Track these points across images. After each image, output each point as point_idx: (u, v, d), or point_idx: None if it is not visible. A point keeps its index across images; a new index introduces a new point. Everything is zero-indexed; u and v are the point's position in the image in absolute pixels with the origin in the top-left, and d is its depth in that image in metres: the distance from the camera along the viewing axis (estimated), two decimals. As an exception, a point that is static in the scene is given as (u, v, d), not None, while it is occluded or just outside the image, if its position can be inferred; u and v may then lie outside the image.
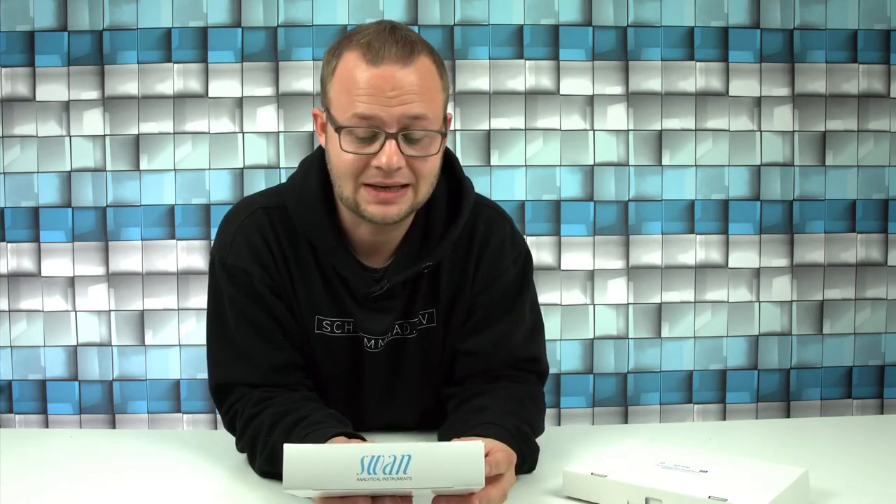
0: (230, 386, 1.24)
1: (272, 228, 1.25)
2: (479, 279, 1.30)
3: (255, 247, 1.24)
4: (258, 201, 1.30)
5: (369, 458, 0.91)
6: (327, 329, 1.27)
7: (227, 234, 1.27)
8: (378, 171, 1.14)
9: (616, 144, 2.41)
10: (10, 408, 2.38)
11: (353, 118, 1.14)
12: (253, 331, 1.24)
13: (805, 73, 2.43)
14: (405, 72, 1.13)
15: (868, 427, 1.55)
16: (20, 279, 2.37)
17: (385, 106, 1.12)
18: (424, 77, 1.15)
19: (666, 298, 2.45)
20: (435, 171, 1.20)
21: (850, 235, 2.47)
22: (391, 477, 0.90)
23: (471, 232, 1.30)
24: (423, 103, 1.14)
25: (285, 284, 1.26)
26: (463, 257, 1.29)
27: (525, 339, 1.32)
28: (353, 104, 1.14)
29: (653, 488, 1.02)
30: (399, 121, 1.13)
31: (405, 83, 1.13)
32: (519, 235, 1.36)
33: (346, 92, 1.15)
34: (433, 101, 1.16)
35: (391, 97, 1.12)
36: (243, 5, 2.34)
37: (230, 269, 1.25)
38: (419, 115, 1.14)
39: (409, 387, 1.32)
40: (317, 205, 1.24)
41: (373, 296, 1.25)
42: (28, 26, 2.32)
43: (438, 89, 1.18)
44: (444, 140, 1.21)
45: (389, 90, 1.12)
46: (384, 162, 1.13)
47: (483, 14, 2.37)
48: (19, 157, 2.35)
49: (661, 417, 2.46)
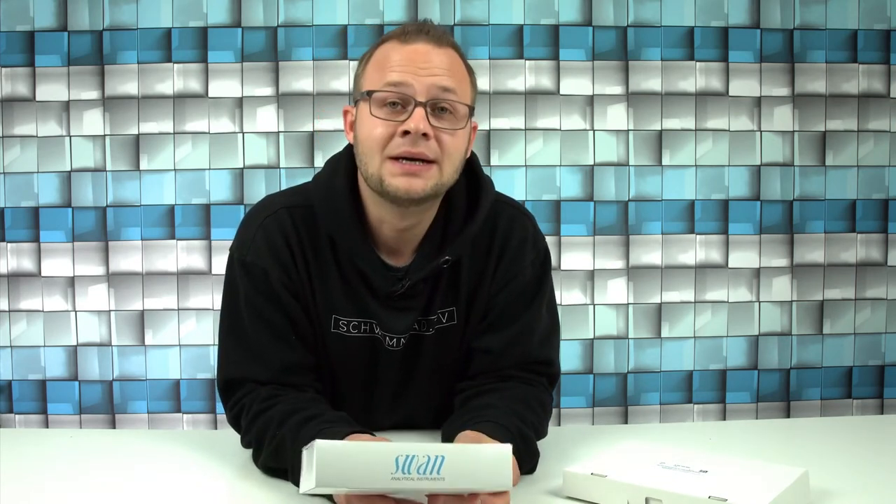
0: (239, 382, 1.24)
1: (294, 228, 1.26)
2: (499, 277, 1.30)
3: (275, 245, 1.25)
4: (280, 200, 1.30)
5: (404, 457, 0.90)
6: (344, 328, 1.28)
7: (248, 232, 1.27)
8: (405, 138, 1.16)
9: (616, 144, 2.41)
10: (10, 408, 2.38)
11: (386, 85, 1.18)
12: (267, 329, 1.24)
13: (805, 73, 2.43)
14: (437, 51, 1.19)
15: (868, 427, 1.55)
16: (20, 279, 2.37)
17: (416, 75, 1.17)
18: (454, 61, 1.21)
19: (666, 298, 2.45)
20: (460, 152, 1.22)
21: (850, 235, 2.47)
22: (425, 477, 0.90)
23: (492, 230, 1.30)
24: (453, 80, 1.19)
25: (303, 284, 1.26)
26: (483, 255, 1.30)
27: (540, 340, 1.32)
28: (386, 75, 1.18)
29: (653, 488, 1.02)
30: (429, 90, 1.17)
31: (436, 60, 1.18)
32: (540, 235, 1.36)
33: (380, 69, 1.19)
34: (461, 83, 1.21)
35: (422, 68, 1.17)
36: (243, 5, 2.34)
37: (248, 267, 1.25)
38: (448, 87, 1.18)
39: (422, 385, 1.33)
40: (344, 201, 1.24)
41: (395, 294, 1.25)
42: (28, 26, 2.32)
43: (466, 79, 1.23)
44: (472, 124, 1.25)
45: (421, 62, 1.18)
46: (413, 125, 1.15)
47: (483, 14, 2.37)
48: (19, 157, 2.35)
49: (661, 417, 2.46)
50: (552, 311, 1.36)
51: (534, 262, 1.32)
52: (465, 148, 1.24)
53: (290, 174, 2.35)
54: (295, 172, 2.35)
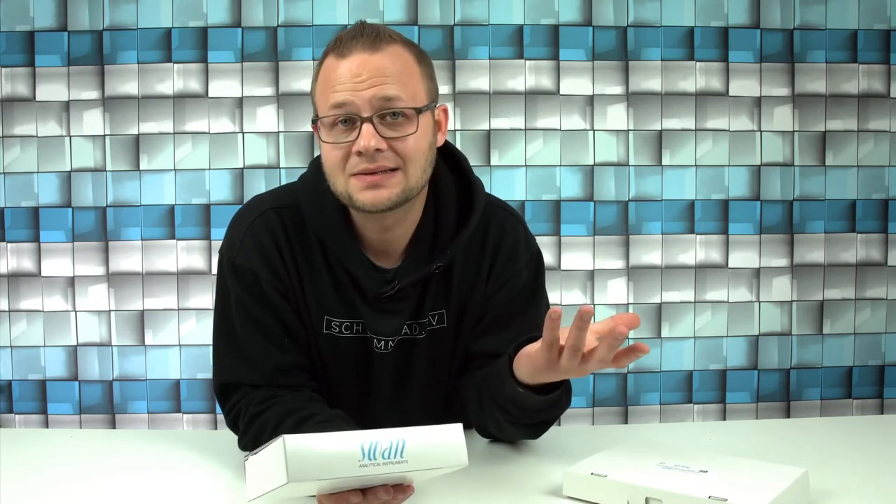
0: (234, 385, 1.24)
1: (283, 229, 1.25)
2: (493, 280, 1.30)
3: (264, 247, 1.24)
4: (269, 201, 1.29)
5: (369, 443, 0.91)
6: (336, 330, 1.27)
7: (237, 234, 1.26)
8: (360, 157, 1.15)
9: (616, 144, 2.41)
10: (10, 408, 2.38)
11: (329, 109, 1.16)
12: (259, 332, 1.24)
13: (805, 73, 2.43)
14: (374, 57, 1.15)
15: (868, 427, 1.54)
16: (20, 279, 2.37)
17: (356, 91, 1.14)
18: (395, 62, 1.16)
19: (666, 298, 2.45)
20: (422, 153, 1.19)
21: (850, 235, 2.47)
22: (390, 461, 0.91)
23: (483, 233, 1.29)
24: (396, 86, 1.15)
25: (294, 285, 1.26)
26: (476, 259, 1.29)
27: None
28: (328, 97, 1.16)
29: (653, 488, 1.02)
30: (371, 103, 1.14)
31: (374, 67, 1.14)
32: (531, 237, 1.36)
33: (324, 91, 1.18)
34: (407, 84, 1.16)
35: (360, 81, 1.14)
36: (243, 5, 2.34)
37: (238, 270, 1.25)
38: (391, 96, 1.15)
39: (417, 388, 1.32)
40: (329, 204, 1.24)
41: (384, 296, 1.25)
42: (28, 26, 2.32)
43: (415, 74, 1.18)
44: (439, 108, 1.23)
45: (358, 76, 1.14)
46: (362, 145, 1.14)
47: (483, 14, 2.37)
48: (19, 157, 2.35)
49: (661, 417, 2.46)
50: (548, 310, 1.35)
51: (528, 263, 1.32)
52: (431, 142, 1.21)
53: (290, 174, 2.34)
54: (295, 172, 2.33)
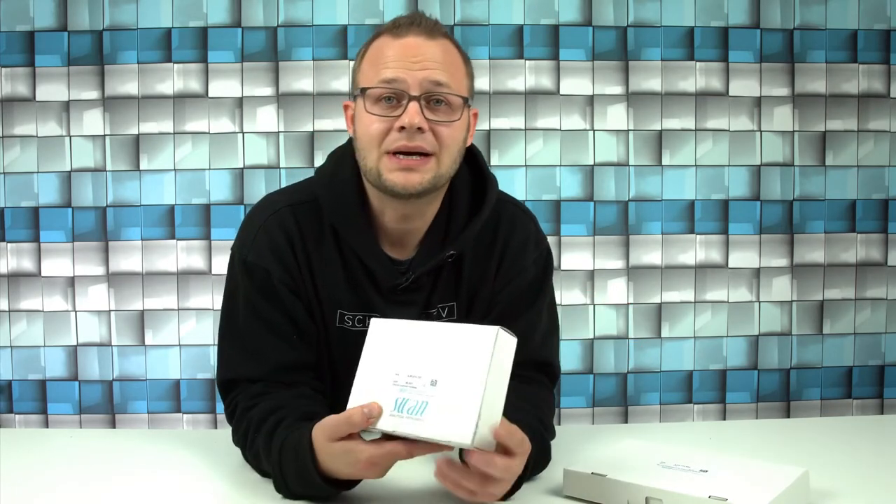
0: (235, 382, 1.24)
1: (297, 225, 1.26)
2: (501, 275, 1.31)
3: (277, 245, 1.25)
4: (283, 199, 1.30)
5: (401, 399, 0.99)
6: (349, 323, 1.28)
7: (250, 232, 1.27)
8: (401, 133, 1.17)
9: (616, 144, 2.41)
10: (10, 408, 2.38)
11: (380, 82, 1.18)
12: (266, 328, 1.24)
13: (805, 73, 2.43)
14: (429, 44, 1.20)
15: (868, 427, 1.55)
16: (20, 279, 2.37)
17: (409, 70, 1.18)
18: (447, 53, 1.21)
19: (666, 298, 2.45)
20: (458, 143, 1.22)
21: (850, 235, 2.47)
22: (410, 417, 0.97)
23: (494, 228, 1.31)
24: (446, 73, 1.19)
25: (306, 282, 1.26)
26: (485, 253, 1.30)
27: (539, 341, 1.32)
28: (379, 72, 1.19)
29: (653, 488, 1.02)
30: (422, 84, 1.17)
31: (428, 53, 1.19)
32: (542, 235, 1.36)
33: (374, 65, 1.20)
34: (455, 74, 1.21)
35: (415, 62, 1.18)
36: (243, 5, 2.34)
37: (250, 267, 1.25)
38: (441, 81, 1.18)
39: None
40: (350, 192, 1.25)
41: (399, 288, 1.25)
42: (28, 26, 2.32)
43: (461, 69, 1.23)
44: (472, 111, 1.26)
45: (413, 57, 1.18)
46: (407, 121, 1.16)
47: (483, 14, 2.37)
48: (19, 157, 2.35)
49: (661, 417, 2.46)
50: (552, 312, 1.36)
51: (536, 261, 1.32)
52: (464, 137, 1.24)
53: (290, 174, 2.34)
54: (295, 172, 2.34)
